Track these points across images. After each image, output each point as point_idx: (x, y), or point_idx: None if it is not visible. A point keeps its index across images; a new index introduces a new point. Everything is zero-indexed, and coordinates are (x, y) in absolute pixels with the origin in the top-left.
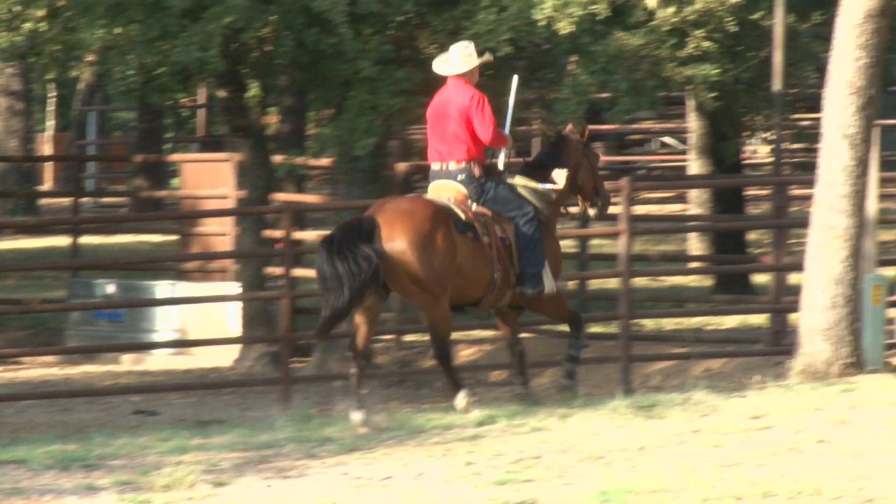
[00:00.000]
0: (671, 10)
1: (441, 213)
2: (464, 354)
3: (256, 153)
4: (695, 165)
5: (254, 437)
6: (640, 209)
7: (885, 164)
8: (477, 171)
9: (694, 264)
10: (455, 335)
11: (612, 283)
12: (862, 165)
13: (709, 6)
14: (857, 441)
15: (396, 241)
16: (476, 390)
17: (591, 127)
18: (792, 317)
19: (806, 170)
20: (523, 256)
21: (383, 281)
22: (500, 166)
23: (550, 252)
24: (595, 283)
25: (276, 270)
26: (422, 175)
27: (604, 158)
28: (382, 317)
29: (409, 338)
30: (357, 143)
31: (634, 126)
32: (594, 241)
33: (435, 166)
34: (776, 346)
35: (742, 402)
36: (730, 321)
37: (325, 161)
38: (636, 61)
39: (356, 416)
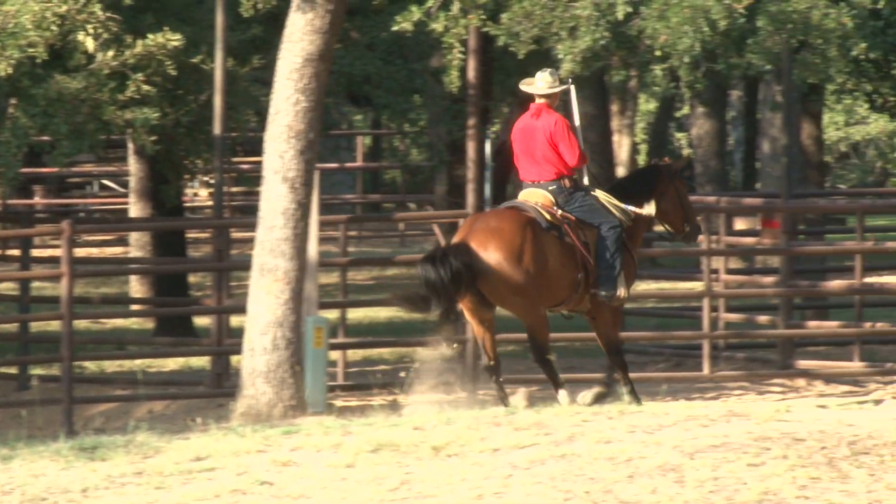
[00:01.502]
0: (111, 53)
1: (528, 221)
2: None
3: None
4: (135, 208)
5: None
6: (81, 252)
7: (325, 208)
8: (568, 184)
9: (136, 307)
10: None
11: (54, 325)
12: (302, 209)
13: (149, 49)
14: (300, 482)
15: (492, 258)
16: None
17: (29, 170)
18: (234, 359)
19: (247, 213)
20: (601, 258)
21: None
22: (585, 182)
23: (627, 264)
24: (37, 326)
25: None
26: None
27: (43, 201)
28: None
29: None
30: None
31: (75, 169)
32: (35, 284)
33: (527, 184)
34: (219, 388)
35: (185, 444)
36: (172, 363)
37: None
38: (77, 105)
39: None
